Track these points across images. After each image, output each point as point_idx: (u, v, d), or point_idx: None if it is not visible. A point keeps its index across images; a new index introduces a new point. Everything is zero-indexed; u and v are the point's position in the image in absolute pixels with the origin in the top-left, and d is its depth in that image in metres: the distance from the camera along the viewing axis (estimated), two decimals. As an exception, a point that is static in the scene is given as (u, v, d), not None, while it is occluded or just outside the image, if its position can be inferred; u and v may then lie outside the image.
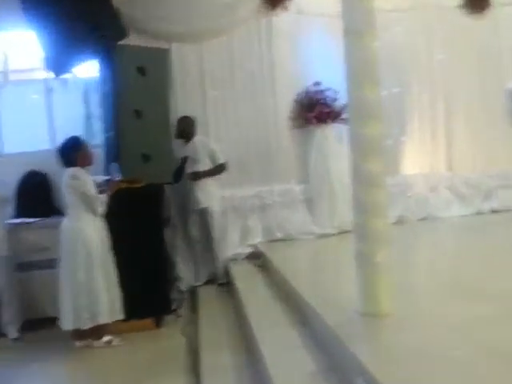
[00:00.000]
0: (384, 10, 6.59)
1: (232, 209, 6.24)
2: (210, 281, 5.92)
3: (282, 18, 6.28)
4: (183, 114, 5.93)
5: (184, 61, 6.08)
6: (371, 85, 3.11)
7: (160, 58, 5.02)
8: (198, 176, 5.80)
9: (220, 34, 6.04)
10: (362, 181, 3.14)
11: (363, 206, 3.14)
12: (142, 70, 4.83)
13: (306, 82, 6.29)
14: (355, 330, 3.02)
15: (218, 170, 5.89)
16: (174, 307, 5.02)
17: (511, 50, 6.08)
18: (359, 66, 3.10)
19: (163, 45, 5.58)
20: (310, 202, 6.37)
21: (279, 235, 6.23)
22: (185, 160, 5.78)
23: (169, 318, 4.90)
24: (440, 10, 6.81)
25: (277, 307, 4.14)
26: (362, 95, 3.10)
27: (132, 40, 5.17)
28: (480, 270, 4.02)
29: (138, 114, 4.81)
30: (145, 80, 4.83)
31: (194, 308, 5.22)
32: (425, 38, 6.81)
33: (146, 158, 4.82)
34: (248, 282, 5.20)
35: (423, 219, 6.67)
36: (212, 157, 5.89)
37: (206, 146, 5.88)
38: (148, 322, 4.70)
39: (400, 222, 6.60)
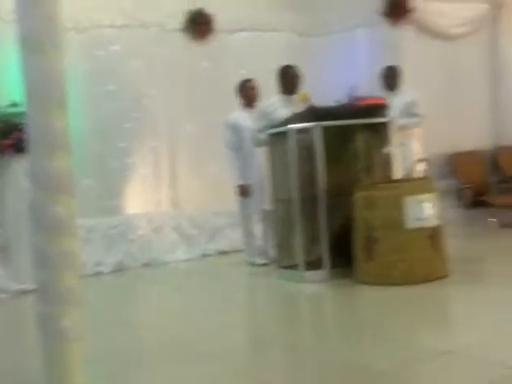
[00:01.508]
0: (100, 25, 6.66)
1: None
2: None
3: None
4: None
5: None
6: (58, 110, 2.88)
7: None
8: None
9: None
10: (47, 226, 2.87)
11: (48, 259, 2.87)
12: None
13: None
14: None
15: None
16: None
17: (236, 79, 6.49)
18: (42, 87, 2.85)
19: None
20: (5, 251, 5.82)
21: (-40, 295, 5.56)
22: None
23: None
24: (160, 31, 6.99)
25: None
26: (46, 122, 2.86)
27: None
28: (196, 326, 4.04)
29: None
30: None
31: None
32: (144, 61, 6.89)
33: None
34: None
35: (146, 265, 6.64)
36: None
37: None
38: None
39: (119, 269, 6.48)
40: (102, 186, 6.63)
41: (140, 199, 6.85)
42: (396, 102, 6.19)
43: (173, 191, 7.05)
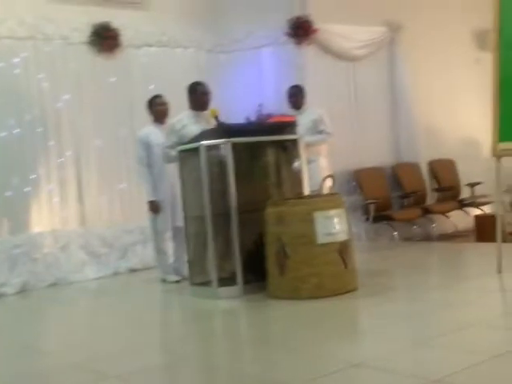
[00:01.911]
0: (0, 36, 6.41)
1: None
2: None
3: None
4: None
5: None
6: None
7: None
8: None
9: None
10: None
11: None
12: None
13: None
14: None
15: None
16: None
17: (144, 94, 6.45)
18: None
19: None
20: None
21: None
22: None
23: None
24: (65, 44, 6.83)
25: None
26: None
27: None
28: (104, 347, 3.93)
29: None
30: None
31: None
32: (48, 74, 6.70)
33: None
34: None
35: (53, 285, 6.40)
36: None
37: None
38: None
39: (24, 290, 6.22)
40: (5, 203, 6.36)
41: (46, 217, 6.61)
42: (302, 120, 6.30)
43: (81, 208, 6.85)
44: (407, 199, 8.20)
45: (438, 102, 8.82)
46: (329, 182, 5.54)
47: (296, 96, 6.63)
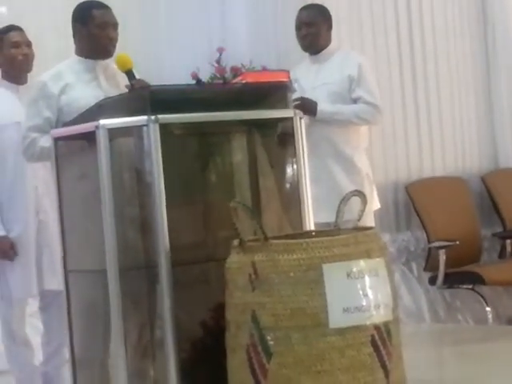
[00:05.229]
0: None
1: None
2: None
3: None
4: None
5: None
6: None
7: None
8: None
9: None
10: None
11: None
12: None
13: None
14: None
15: None
16: None
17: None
18: None
19: None
20: None
21: None
22: None
23: None
24: None
25: None
26: None
27: None
28: None
29: None
30: None
31: None
32: None
33: None
34: None
35: None
36: None
37: None
38: None
39: None
40: None
41: None
42: (325, 76, 5.99)
43: None
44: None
45: None
46: (357, 205, 4.74)
47: (311, 27, 6.12)
